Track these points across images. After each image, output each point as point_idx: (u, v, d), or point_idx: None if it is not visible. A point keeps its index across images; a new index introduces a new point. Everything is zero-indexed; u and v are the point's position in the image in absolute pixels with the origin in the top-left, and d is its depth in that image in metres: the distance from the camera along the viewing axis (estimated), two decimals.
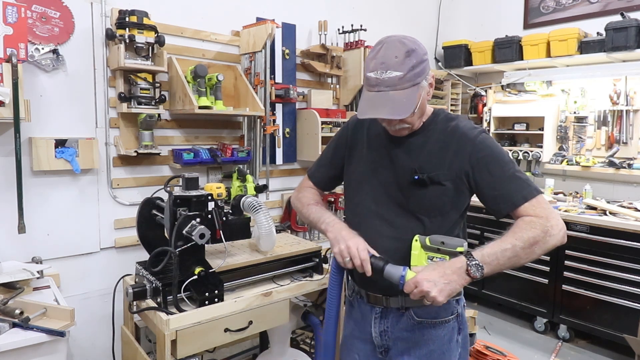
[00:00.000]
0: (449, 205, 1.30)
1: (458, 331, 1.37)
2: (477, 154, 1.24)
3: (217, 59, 2.58)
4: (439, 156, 1.28)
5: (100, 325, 2.22)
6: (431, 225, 1.29)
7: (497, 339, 3.15)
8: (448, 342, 1.35)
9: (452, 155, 1.26)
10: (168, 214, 1.75)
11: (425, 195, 1.29)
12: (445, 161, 1.27)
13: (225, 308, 1.77)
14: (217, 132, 2.64)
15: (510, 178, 1.23)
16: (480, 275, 1.14)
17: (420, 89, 1.21)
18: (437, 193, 1.28)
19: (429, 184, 1.27)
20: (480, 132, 1.28)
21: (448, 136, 1.28)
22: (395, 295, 1.33)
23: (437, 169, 1.27)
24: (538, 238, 1.16)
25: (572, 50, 3.36)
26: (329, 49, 3.01)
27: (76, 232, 2.16)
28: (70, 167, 2.06)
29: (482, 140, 1.26)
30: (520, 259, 1.17)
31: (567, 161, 3.49)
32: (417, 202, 1.30)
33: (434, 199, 1.29)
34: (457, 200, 1.30)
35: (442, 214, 1.30)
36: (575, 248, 3.06)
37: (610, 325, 2.91)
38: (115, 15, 2.11)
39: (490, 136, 1.30)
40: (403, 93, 1.18)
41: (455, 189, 1.28)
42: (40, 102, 2.02)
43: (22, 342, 1.46)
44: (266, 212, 2.02)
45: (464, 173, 1.26)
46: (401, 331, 1.35)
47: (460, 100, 4.21)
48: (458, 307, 1.37)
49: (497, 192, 1.23)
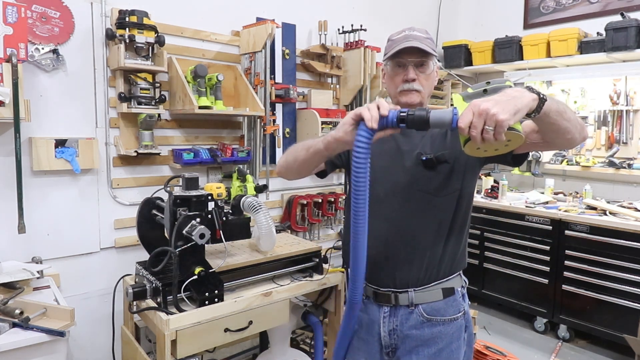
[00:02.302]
0: (458, 182, 1.32)
1: (465, 329, 1.39)
2: None
3: (217, 59, 2.58)
4: (440, 138, 1.32)
5: (100, 325, 2.22)
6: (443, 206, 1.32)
7: (497, 339, 3.15)
8: (456, 339, 1.36)
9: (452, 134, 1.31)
10: (168, 214, 1.75)
11: (434, 176, 1.31)
12: (446, 141, 1.32)
13: (225, 308, 1.77)
14: (217, 132, 2.64)
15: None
16: (543, 98, 0.98)
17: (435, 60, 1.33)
18: (445, 171, 1.30)
19: (436, 164, 1.29)
20: None
21: None
22: (405, 291, 1.34)
23: (441, 149, 1.30)
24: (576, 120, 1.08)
25: (572, 50, 3.36)
26: (329, 49, 3.01)
27: (76, 232, 2.16)
28: (70, 167, 2.06)
29: None
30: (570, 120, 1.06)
31: (567, 161, 3.50)
32: (426, 183, 1.32)
33: (443, 179, 1.31)
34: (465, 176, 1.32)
35: (451, 192, 1.32)
36: (575, 248, 3.07)
37: (610, 325, 2.91)
38: (115, 15, 2.11)
39: None
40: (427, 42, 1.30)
41: (462, 164, 1.30)
42: (40, 102, 2.02)
43: (22, 342, 1.46)
44: (266, 212, 2.02)
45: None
46: (410, 329, 1.35)
47: None
48: (464, 305, 1.39)
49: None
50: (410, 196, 1.33)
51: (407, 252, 1.33)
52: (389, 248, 1.35)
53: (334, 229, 3.24)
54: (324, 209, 3.07)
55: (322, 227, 3.17)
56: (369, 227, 1.16)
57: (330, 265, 2.24)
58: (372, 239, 1.24)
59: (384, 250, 1.35)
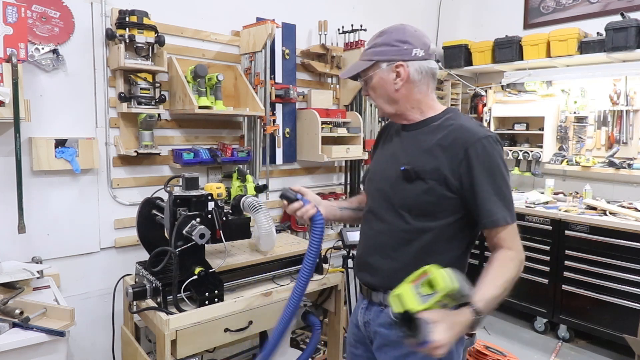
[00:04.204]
0: (436, 205, 1.24)
1: None
2: (469, 159, 1.19)
3: (217, 59, 2.58)
4: (431, 153, 1.24)
5: (100, 325, 2.22)
6: (419, 226, 1.26)
7: (497, 339, 3.15)
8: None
9: (446, 157, 1.22)
10: (168, 214, 1.75)
11: (409, 191, 1.26)
12: (435, 159, 1.23)
13: (225, 308, 1.77)
14: (217, 132, 2.64)
15: (497, 194, 1.18)
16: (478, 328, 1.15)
17: (375, 67, 1.30)
18: (420, 190, 1.24)
19: (413, 178, 1.25)
20: (484, 137, 1.20)
21: (446, 134, 1.24)
22: (377, 290, 1.36)
23: (425, 165, 1.24)
24: (516, 275, 1.19)
25: (572, 50, 3.35)
26: (329, 49, 3.01)
27: (76, 232, 2.16)
28: (70, 167, 2.06)
29: (482, 146, 1.19)
30: (501, 300, 1.18)
31: (567, 161, 3.49)
32: (401, 197, 1.29)
33: (419, 197, 1.25)
34: (445, 203, 1.23)
35: (428, 214, 1.25)
36: (575, 248, 3.07)
37: (610, 325, 2.91)
38: (115, 15, 2.11)
39: (494, 143, 1.20)
40: (358, 62, 1.33)
41: (441, 189, 1.22)
42: (40, 102, 2.02)
43: (22, 342, 1.46)
44: (266, 212, 2.02)
45: (452, 174, 1.21)
46: (380, 326, 1.35)
47: (460, 100, 4.21)
48: None
49: (483, 203, 1.19)
50: (387, 204, 1.32)
51: (379, 257, 1.34)
52: (368, 249, 1.38)
53: (334, 229, 3.23)
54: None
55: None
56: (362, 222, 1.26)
57: (330, 265, 2.24)
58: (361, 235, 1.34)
59: (365, 250, 1.40)
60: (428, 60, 1.28)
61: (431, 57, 1.30)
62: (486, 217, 1.19)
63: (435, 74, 1.32)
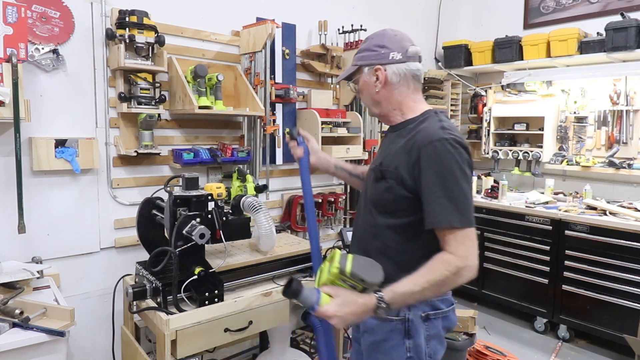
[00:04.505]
0: (395, 204, 1.30)
1: (406, 335, 1.33)
2: (420, 161, 1.23)
3: (217, 59, 2.58)
4: (398, 157, 1.30)
5: (100, 325, 2.22)
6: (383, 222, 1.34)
7: (497, 339, 3.15)
8: (391, 339, 1.35)
9: (405, 156, 1.28)
10: (168, 214, 1.75)
11: (376, 189, 1.36)
12: (399, 160, 1.29)
13: (225, 308, 1.77)
14: (217, 132, 2.64)
15: (443, 197, 1.20)
16: (385, 315, 1.19)
17: (360, 72, 1.41)
18: (384, 188, 1.32)
19: (380, 178, 1.34)
20: (437, 140, 1.23)
21: (412, 137, 1.30)
22: None
23: (389, 165, 1.32)
24: (448, 280, 1.18)
25: (572, 50, 3.36)
26: (329, 49, 3.01)
27: (76, 232, 2.16)
28: (70, 167, 2.06)
29: (434, 148, 1.22)
30: (427, 298, 1.25)
31: (567, 161, 3.49)
32: (371, 194, 1.39)
33: (382, 195, 1.33)
34: (403, 202, 1.29)
35: (390, 212, 1.32)
36: (575, 248, 3.07)
37: (610, 325, 2.91)
38: (115, 15, 2.11)
39: (449, 146, 1.22)
40: (348, 67, 1.47)
41: (399, 189, 1.28)
42: (40, 102, 2.02)
43: (22, 342, 1.46)
44: (266, 212, 2.02)
45: (408, 175, 1.26)
46: None
47: (460, 100, 4.21)
48: (409, 314, 1.33)
49: (428, 205, 1.22)
50: (364, 200, 1.45)
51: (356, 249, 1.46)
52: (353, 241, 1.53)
53: (334, 229, 3.24)
54: (324, 209, 3.07)
55: (322, 227, 3.17)
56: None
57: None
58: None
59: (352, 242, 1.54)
60: (407, 63, 1.34)
61: (410, 59, 1.34)
62: (428, 218, 1.22)
63: (416, 75, 1.37)
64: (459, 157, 1.22)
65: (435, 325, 1.36)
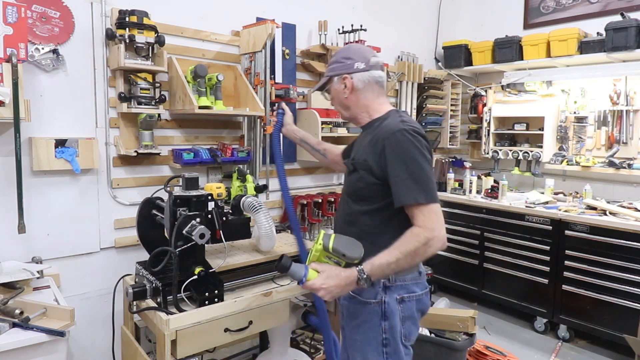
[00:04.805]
0: (367, 191, 1.47)
1: (383, 317, 1.47)
2: (385, 150, 1.40)
3: (217, 59, 2.58)
4: (366, 150, 1.48)
5: (100, 325, 2.22)
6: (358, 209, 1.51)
7: (497, 339, 3.15)
8: (370, 320, 1.49)
9: (372, 149, 1.45)
10: (168, 214, 1.75)
11: (350, 180, 1.56)
12: (367, 152, 1.47)
13: (225, 308, 1.77)
14: (217, 132, 2.64)
15: (408, 178, 1.36)
16: (367, 286, 1.35)
17: (331, 82, 1.61)
18: (355, 178, 1.51)
19: (352, 170, 1.53)
20: (398, 130, 1.40)
21: (376, 132, 1.48)
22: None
23: (359, 158, 1.50)
24: (419, 250, 1.33)
25: (572, 50, 3.36)
26: (329, 49, 3.01)
27: (76, 232, 2.16)
28: (70, 167, 2.06)
29: (395, 138, 1.39)
30: (402, 268, 1.37)
31: (567, 161, 3.49)
32: (346, 186, 1.60)
33: (354, 184, 1.52)
34: (373, 188, 1.45)
35: (363, 199, 1.50)
36: (575, 248, 3.07)
37: (610, 325, 2.91)
38: (115, 15, 2.11)
39: (408, 135, 1.39)
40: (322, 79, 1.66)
41: (368, 177, 1.45)
42: (40, 102, 2.02)
43: (22, 342, 1.46)
44: (266, 212, 2.02)
45: (376, 164, 1.43)
46: (344, 300, 1.57)
47: (460, 100, 4.21)
48: (385, 296, 1.47)
49: (395, 187, 1.38)
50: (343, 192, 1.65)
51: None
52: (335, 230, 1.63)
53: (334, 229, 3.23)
54: (323, 209, 3.07)
55: (322, 227, 3.17)
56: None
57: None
58: None
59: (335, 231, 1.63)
60: (370, 71, 1.54)
61: (372, 68, 1.54)
62: (396, 198, 1.39)
63: (379, 81, 1.56)
64: (418, 144, 1.39)
65: (409, 307, 1.49)
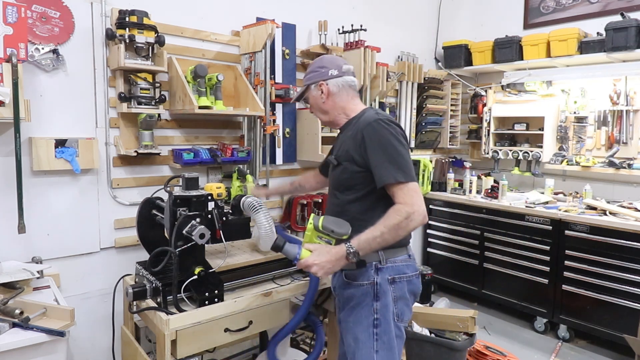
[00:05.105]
0: (351, 180, 1.61)
1: (375, 298, 1.59)
2: (364, 139, 1.54)
3: (217, 59, 2.58)
4: (347, 144, 1.63)
5: (100, 325, 2.22)
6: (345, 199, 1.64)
7: (497, 339, 3.15)
8: (363, 302, 1.60)
9: (352, 141, 1.59)
10: (168, 214, 1.75)
11: (335, 175, 1.70)
12: (348, 145, 1.61)
13: (225, 308, 1.77)
14: (217, 132, 2.64)
15: (387, 161, 1.49)
16: (356, 260, 1.45)
17: (309, 90, 1.75)
18: (340, 171, 1.65)
19: (336, 165, 1.67)
20: (374, 120, 1.55)
21: (355, 127, 1.62)
22: None
23: (342, 153, 1.65)
24: (402, 224, 1.44)
25: (572, 50, 3.36)
26: (329, 49, 3.01)
27: (76, 232, 2.16)
28: (70, 167, 2.06)
29: (372, 127, 1.54)
30: (388, 242, 1.46)
31: (567, 161, 3.49)
32: (332, 180, 1.74)
33: (339, 177, 1.66)
34: (357, 177, 1.59)
35: (349, 188, 1.63)
36: (575, 248, 3.07)
37: (610, 325, 2.91)
38: (115, 15, 2.11)
39: (383, 124, 1.54)
40: (300, 89, 1.81)
41: (351, 167, 1.59)
42: (40, 102, 2.02)
43: (22, 342, 1.46)
44: (266, 212, 2.02)
45: (357, 154, 1.57)
46: (339, 288, 1.71)
47: (460, 100, 4.21)
48: (377, 277, 1.59)
49: (376, 169, 1.51)
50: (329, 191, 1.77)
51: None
52: None
53: None
54: (323, 209, 3.07)
55: None
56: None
57: None
58: None
59: None
60: (343, 77, 1.70)
61: (345, 74, 1.70)
62: (378, 179, 1.51)
63: (352, 85, 1.72)
64: (393, 131, 1.54)
65: (400, 287, 1.61)
